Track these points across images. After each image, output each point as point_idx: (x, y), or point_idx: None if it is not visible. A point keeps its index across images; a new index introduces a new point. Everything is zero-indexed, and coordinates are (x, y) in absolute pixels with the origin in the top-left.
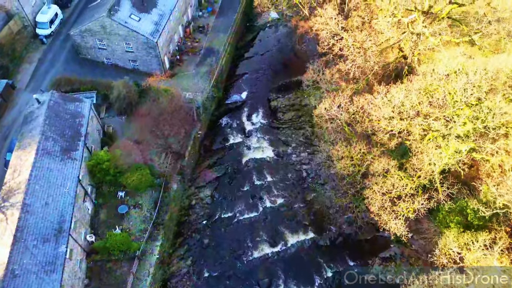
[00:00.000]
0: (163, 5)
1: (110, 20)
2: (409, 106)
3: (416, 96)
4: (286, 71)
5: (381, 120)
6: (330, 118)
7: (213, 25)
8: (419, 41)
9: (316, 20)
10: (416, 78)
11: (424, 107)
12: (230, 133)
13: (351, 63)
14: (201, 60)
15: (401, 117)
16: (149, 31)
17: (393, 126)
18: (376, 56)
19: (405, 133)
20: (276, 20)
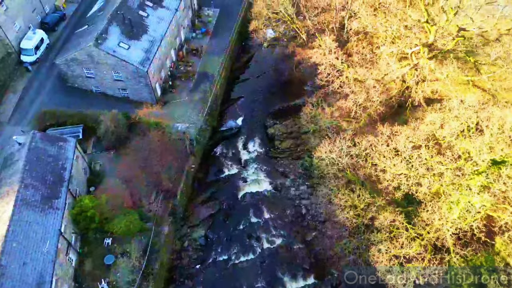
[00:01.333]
0: (154, 31)
1: (98, 50)
2: (419, 163)
3: (426, 150)
4: (283, 94)
5: (386, 172)
6: (331, 162)
7: (207, 47)
8: (423, 73)
9: (314, 51)
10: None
11: (434, 163)
12: (225, 163)
13: (352, 102)
14: (194, 86)
15: (408, 173)
16: (139, 59)
17: (399, 180)
18: (379, 93)
19: (413, 183)
20: (273, 42)
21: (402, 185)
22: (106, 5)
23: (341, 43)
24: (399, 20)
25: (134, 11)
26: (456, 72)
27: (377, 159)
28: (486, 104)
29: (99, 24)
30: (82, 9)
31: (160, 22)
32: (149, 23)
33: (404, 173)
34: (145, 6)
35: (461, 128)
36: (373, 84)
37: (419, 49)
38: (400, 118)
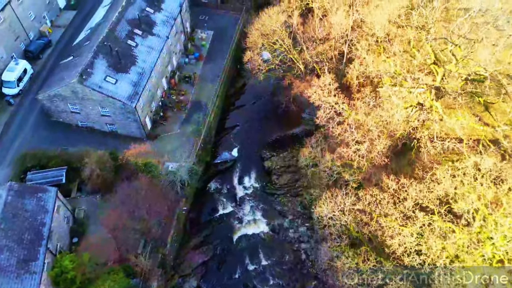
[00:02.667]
0: (143, 61)
1: (82, 86)
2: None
3: (438, 218)
4: (279, 122)
5: (394, 237)
6: (332, 220)
7: (201, 73)
8: (429, 116)
9: (313, 90)
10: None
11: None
12: (220, 201)
13: (354, 151)
14: (187, 116)
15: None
16: (127, 94)
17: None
18: (384, 138)
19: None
20: (269, 73)
21: (411, 253)
22: (93, 33)
23: (339, 76)
24: (403, 59)
25: (122, 41)
26: (466, 119)
27: (383, 220)
28: (505, 168)
29: (84, 56)
30: (69, 34)
31: (150, 52)
32: (138, 54)
33: (415, 243)
34: (134, 35)
35: (478, 204)
36: (377, 134)
37: (425, 91)
38: (404, 158)
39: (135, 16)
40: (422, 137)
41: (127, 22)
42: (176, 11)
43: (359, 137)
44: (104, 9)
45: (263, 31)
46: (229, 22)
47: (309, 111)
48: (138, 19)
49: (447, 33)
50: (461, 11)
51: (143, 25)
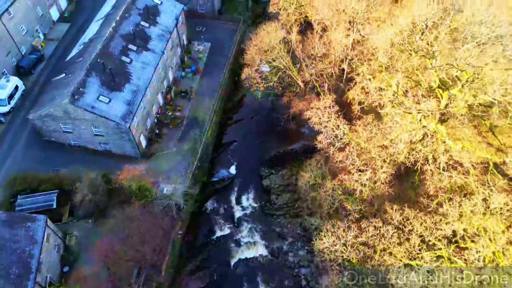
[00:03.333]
0: (138, 78)
1: (74, 106)
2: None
3: (447, 261)
4: (278, 137)
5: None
6: (334, 253)
7: (197, 87)
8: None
9: (313, 113)
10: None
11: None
12: (217, 222)
13: (355, 180)
14: (183, 133)
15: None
16: (121, 114)
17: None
18: (387, 169)
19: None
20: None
21: None
22: (86, 49)
23: (339, 92)
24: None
25: (115, 57)
26: (472, 146)
27: (387, 257)
28: None
29: (77, 74)
30: (63, 47)
31: (145, 68)
32: (133, 70)
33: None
34: (128, 51)
35: (491, 249)
36: (380, 165)
37: (429, 113)
38: (407, 180)
39: (129, 31)
40: (427, 170)
41: (121, 37)
42: (172, 25)
43: (361, 166)
44: (98, 24)
45: (261, 47)
46: (226, 33)
47: (309, 126)
48: (132, 34)
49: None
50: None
51: (137, 40)
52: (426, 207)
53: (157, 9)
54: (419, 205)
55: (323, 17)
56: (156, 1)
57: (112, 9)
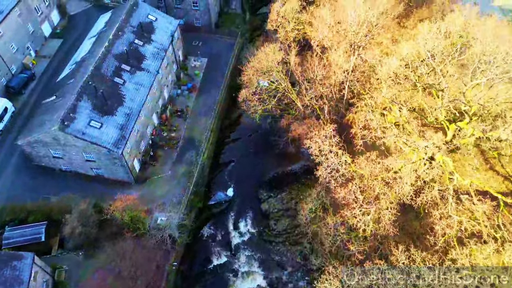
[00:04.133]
0: (131, 101)
1: (64, 133)
2: None
3: None
4: (277, 157)
5: None
6: None
7: (194, 106)
8: (440, 172)
9: (313, 142)
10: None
11: None
12: (214, 249)
13: (359, 221)
14: (179, 155)
15: None
16: (113, 139)
17: None
18: (392, 209)
19: None
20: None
21: None
22: (77, 69)
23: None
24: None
25: (108, 79)
26: (481, 183)
27: None
28: None
29: (67, 98)
30: (55, 65)
31: (138, 89)
32: (126, 92)
33: None
34: (121, 72)
35: None
36: (385, 206)
37: (435, 145)
38: (412, 210)
39: (122, 50)
40: (435, 215)
41: (114, 57)
42: (167, 42)
43: (365, 204)
44: (90, 42)
45: (259, 68)
46: (223, 47)
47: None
48: (126, 53)
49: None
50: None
51: (131, 59)
52: (433, 245)
53: (152, 26)
54: (425, 242)
55: (323, 38)
56: (151, 18)
57: (105, 26)
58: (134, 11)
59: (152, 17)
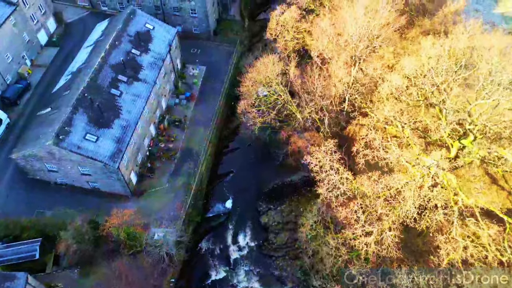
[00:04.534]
0: (128, 112)
1: (58, 148)
2: None
3: None
4: (277, 167)
5: None
6: None
7: (192, 116)
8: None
9: (313, 158)
10: None
11: None
12: (212, 264)
13: (360, 242)
14: (176, 167)
15: None
16: (109, 153)
17: None
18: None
19: None
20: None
21: None
22: (73, 80)
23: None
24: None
25: (104, 90)
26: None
27: None
28: None
29: (62, 111)
30: (51, 74)
31: (135, 101)
32: (123, 104)
33: None
34: (118, 83)
35: None
36: (388, 226)
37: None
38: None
39: (119, 60)
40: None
41: (111, 67)
42: (165, 51)
43: (366, 226)
44: (87, 51)
45: (258, 80)
46: (222, 55)
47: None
48: (122, 63)
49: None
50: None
51: (128, 70)
52: (436, 266)
53: (149, 35)
54: (429, 261)
55: (323, 49)
56: (148, 26)
57: (102, 35)
58: (131, 20)
59: (149, 25)
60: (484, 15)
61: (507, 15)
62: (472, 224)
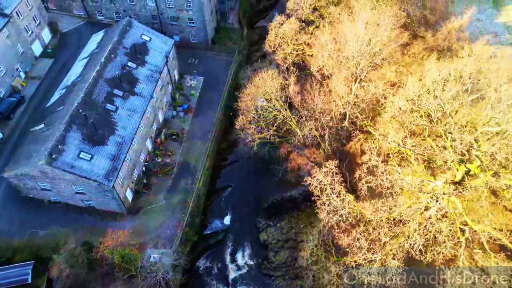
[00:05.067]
0: (124, 129)
1: (51, 167)
2: None
3: None
4: (276, 182)
5: None
6: None
7: (189, 128)
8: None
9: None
10: None
11: None
12: (210, 284)
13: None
14: (173, 183)
15: None
16: (104, 172)
17: None
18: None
19: None
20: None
21: None
22: (68, 94)
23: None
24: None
25: (99, 105)
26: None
27: None
28: None
29: (56, 128)
30: (45, 87)
31: (131, 116)
32: (118, 119)
33: None
34: (113, 97)
35: None
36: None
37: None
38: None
39: (115, 74)
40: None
41: (106, 82)
42: (162, 63)
43: (369, 254)
44: (82, 63)
45: (256, 95)
46: (220, 65)
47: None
48: (118, 77)
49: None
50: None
51: (124, 84)
52: None
53: (146, 47)
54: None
55: (323, 65)
56: (145, 38)
57: (97, 48)
58: (128, 31)
59: (146, 37)
60: (486, 24)
61: (509, 24)
62: (480, 259)
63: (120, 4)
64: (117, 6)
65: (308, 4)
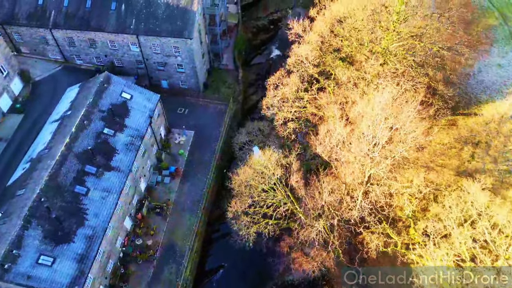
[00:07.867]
0: (95, 217)
1: (2, 282)
2: None
3: None
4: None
5: None
6: None
7: (176, 198)
8: None
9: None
10: None
11: None
12: None
13: None
14: (156, 271)
15: None
16: (69, 279)
17: None
18: None
19: None
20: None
21: None
22: (31, 172)
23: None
24: None
25: (67, 189)
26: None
27: None
28: None
29: (13, 222)
30: (11, 151)
31: (106, 198)
32: (89, 205)
33: None
34: (85, 176)
35: None
36: None
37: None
38: None
39: (87, 146)
40: None
41: (77, 157)
42: (145, 126)
43: None
44: (51, 129)
45: (249, 182)
46: (213, 115)
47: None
48: (91, 151)
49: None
50: None
51: (98, 157)
52: None
53: (126, 107)
54: None
55: (331, 153)
56: (125, 96)
57: (69, 109)
58: (105, 89)
59: (126, 95)
60: (509, 72)
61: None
62: None
63: (101, 49)
64: (97, 51)
65: (311, 58)
